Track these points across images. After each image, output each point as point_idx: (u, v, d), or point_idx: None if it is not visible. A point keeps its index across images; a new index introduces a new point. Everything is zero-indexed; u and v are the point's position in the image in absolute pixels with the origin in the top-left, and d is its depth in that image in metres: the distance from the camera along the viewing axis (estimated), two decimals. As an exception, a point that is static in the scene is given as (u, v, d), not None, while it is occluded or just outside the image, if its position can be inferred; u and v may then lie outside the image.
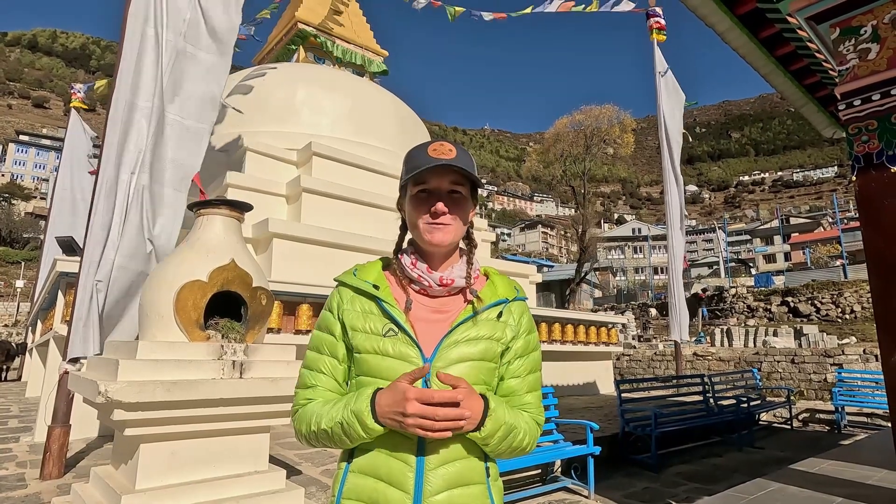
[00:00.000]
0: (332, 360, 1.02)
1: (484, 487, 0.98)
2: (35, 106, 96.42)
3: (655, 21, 8.78)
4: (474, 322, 1.00)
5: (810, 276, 27.40)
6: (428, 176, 0.99)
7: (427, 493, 0.91)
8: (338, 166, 8.74)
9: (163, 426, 2.45)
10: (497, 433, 0.93)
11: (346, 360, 1.03)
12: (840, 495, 3.30)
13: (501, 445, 0.96)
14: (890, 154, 3.11)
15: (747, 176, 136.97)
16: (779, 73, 5.06)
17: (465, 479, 0.95)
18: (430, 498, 0.91)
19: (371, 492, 0.93)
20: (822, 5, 3.42)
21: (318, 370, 1.02)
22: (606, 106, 28.65)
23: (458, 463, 0.95)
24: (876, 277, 3.04)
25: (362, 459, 0.96)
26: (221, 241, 2.88)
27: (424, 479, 0.92)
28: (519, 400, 1.03)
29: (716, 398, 7.04)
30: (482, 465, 0.99)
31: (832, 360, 10.73)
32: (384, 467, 0.93)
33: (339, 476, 0.99)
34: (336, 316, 1.03)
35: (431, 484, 0.92)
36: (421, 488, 0.91)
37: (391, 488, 0.92)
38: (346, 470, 0.98)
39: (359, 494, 0.94)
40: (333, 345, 1.02)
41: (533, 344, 1.09)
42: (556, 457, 4.38)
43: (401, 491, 0.91)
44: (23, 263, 41.61)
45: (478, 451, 0.98)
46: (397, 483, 0.92)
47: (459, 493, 0.94)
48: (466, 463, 0.96)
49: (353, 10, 12.71)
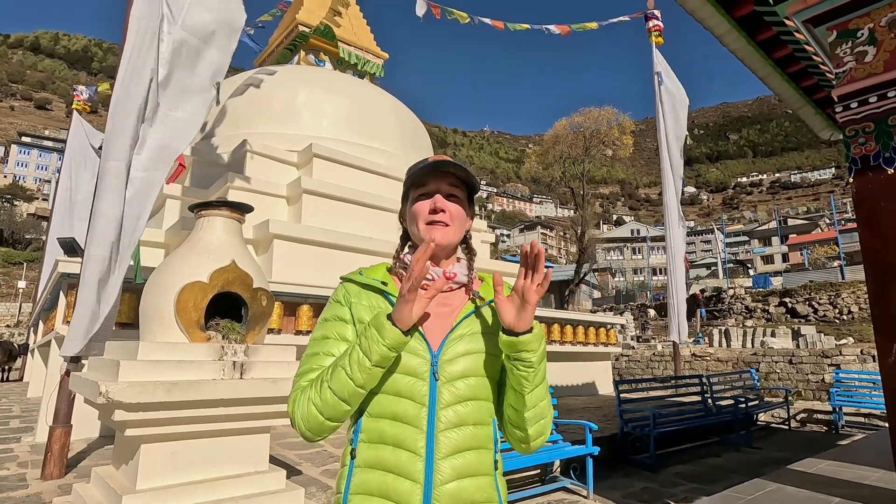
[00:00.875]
0: (341, 343, 1.01)
1: (492, 479, 0.98)
2: (37, 108, 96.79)
3: (654, 24, 8.82)
4: (478, 316, 1.03)
5: (808, 276, 27.49)
6: (427, 178, 1.04)
7: (437, 483, 0.92)
8: (338, 168, 8.78)
9: (163, 427, 2.46)
10: (541, 346, 0.96)
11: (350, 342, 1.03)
12: (838, 495, 3.31)
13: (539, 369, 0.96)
14: (887, 156, 3.12)
15: (745, 177, 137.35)
16: (776, 75, 5.09)
17: (474, 469, 0.96)
18: (440, 487, 0.91)
19: (380, 484, 0.93)
20: (819, 8, 3.43)
21: (325, 353, 1.00)
22: (605, 108, 28.72)
23: (469, 453, 0.95)
24: (873, 279, 3.06)
25: (368, 454, 0.96)
26: (222, 242, 2.89)
27: (435, 467, 0.92)
28: None
29: (714, 399, 7.06)
30: (491, 456, 0.99)
31: (830, 361, 10.76)
32: (392, 459, 0.93)
33: (345, 474, 0.99)
34: (345, 304, 1.04)
35: (442, 473, 0.92)
36: (431, 477, 0.92)
37: (400, 479, 0.92)
38: (351, 466, 0.98)
39: (368, 489, 0.94)
40: (343, 329, 1.02)
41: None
42: (556, 457, 4.39)
43: (410, 481, 0.92)
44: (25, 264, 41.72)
45: (488, 441, 0.99)
46: (406, 473, 0.92)
47: (469, 483, 0.94)
48: (476, 454, 0.96)
49: (354, 12, 12.76)
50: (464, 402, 0.97)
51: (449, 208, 1.04)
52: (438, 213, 1.03)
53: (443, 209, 1.03)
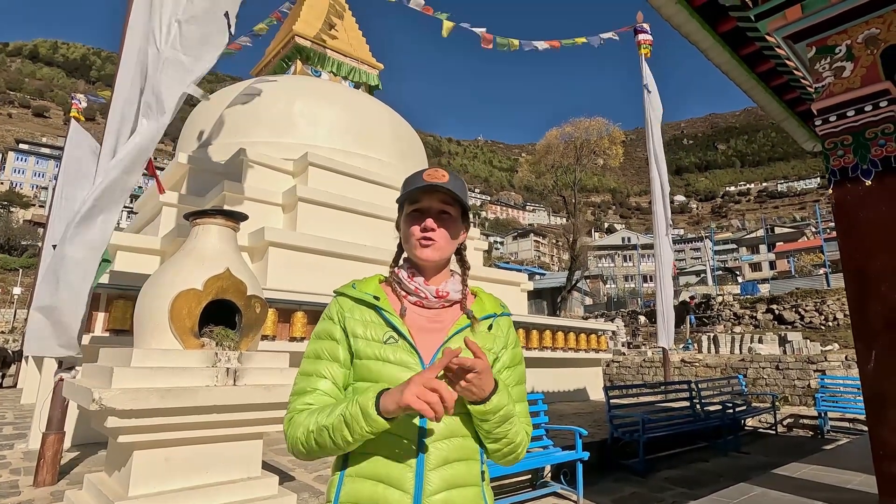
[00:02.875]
0: (333, 364, 1.04)
1: (479, 490, 1.01)
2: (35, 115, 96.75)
3: (644, 38, 9.02)
4: (470, 332, 1.05)
5: (794, 284, 27.85)
6: (420, 195, 1.08)
7: (427, 493, 0.93)
8: (333, 176, 8.87)
9: (156, 433, 2.46)
10: (500, 412, 0.96)
11: (347, 365, 1.04)
12: (820, 499, 3.36)
13: (500, 428, 0.98)
14: (864, 168, 3.21)
15: (733, 187, 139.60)
16: (760, 89, 5.22)
17: (463, 480, 0.98)
18: (430, 498, 0.93)
19: (370, 494, 0.95)
20: (798, 25, 3.53)
21: (318, 375, 1.03)
22: (596, 118, 29.21)
23: (457, 465, 0.98)
24: (852, 287, 3.12)
25: (360, 464, 0.98)
26: (217, 250, 2.91)
27: (424, 478, 0.94)
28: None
29: (702, 404, 7.15)
30: (478, 467, 1.02)
31: (815, 367, 10.92)
32: (383, 469, 0.95)
33: (335, 483, 1.00)
34: (337, 322, 1.06)
35: (431, 483, 0.94)
36: (421, 488, 0.93)
37: (390, 489, 0.94)
38: (341, 476, 1.00)
39: (357, 498, 0.96)
40: (335, 349, 1.04)
41: (518, 357, 1.14)
42: (546, 462, 4.43)
43: (400, 491, 0.93)
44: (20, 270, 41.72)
45: (475, 453, 1.02)
46: (397, 483, 0.94)
47: (457, 494, 0.96)
48: (464, 465, 0.99)
49: (349, 24, 12.92)
50: (453, 416, 0.99)
51: (438, 228, 1.08)
52: (428, 231, 1.07)
53: (433, 228, 1.07)
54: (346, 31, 12.61)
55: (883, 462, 2.81)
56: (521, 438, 1.04)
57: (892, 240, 2.97)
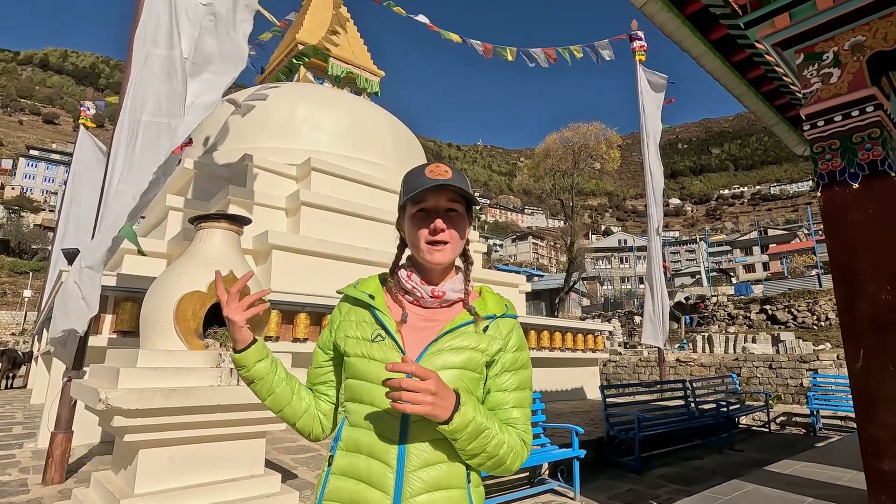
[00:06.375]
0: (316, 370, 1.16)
1: (464, 492, 0.98)
2: (45, 122, 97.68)
3: (639, 44, 9.15)
4: (461, 332, 1.02)
5: (787, 285, 28.08)
6: (426, 195, 1.03)
7: (407, 495, 0.92)
8: (335, 181, 9.01)
9: (161, 432, 2.51)
10: (466, 428, 0.90)
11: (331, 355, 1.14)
12: (811, 495, 3.42)
13: (472, 445, 0.93)
14: (852, 171, 3.27)
15: (727, 190, 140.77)
16: (751, 94, 5.32)
17: (446, 482, 0.95)
18: (410, 499, 0.92)
19: (351, 493, 0.95)
20: (787, 32, 3.60)
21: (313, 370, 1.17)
22: (593, 123, 29.46)
23: (440, 466, 0.96)
24: (841, 288, 3.16)
25: (343, 462, 0.98)
26: (221, 253, 2.97)
27: (405, 480, 0.93)
28: (505, 414, 1.02)
29: (697, 402, 7.23)
30: (463, 469, 0.99)
31: (808, 366, 11.05)
32: (364, 469, 0.95)
33: (321, 479, 1.01)
34: (332, 329, 1.13)
35: (411, 485, 0.93)
36: (401, 489, 0.92)
37: (371, 489, 0.94)
38: (327, 473, 1.00)
39: (339, 496, 0.96)
40: (319, 354, 1.16)
41: (522, 361, 1.08)
42: (544, 460, 4.49)
43: (380, 491, 0.93)
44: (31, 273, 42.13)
45: (459, 455, 0.98)
46: (377, 484, 0.93)
47: (440, 497, 0.94)
48: (448, 467, 0.96)
49: (351, 32, 13.11)
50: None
51: (448, 229, 1.04)
52: (438, 233, 1.03)
53: (442, 229, 1.03)
54: (349, 39, 12.77)
55: (871, 459, 2.83)
56: (506, 451, 0.96)
57: (878, 241, 3.02)
